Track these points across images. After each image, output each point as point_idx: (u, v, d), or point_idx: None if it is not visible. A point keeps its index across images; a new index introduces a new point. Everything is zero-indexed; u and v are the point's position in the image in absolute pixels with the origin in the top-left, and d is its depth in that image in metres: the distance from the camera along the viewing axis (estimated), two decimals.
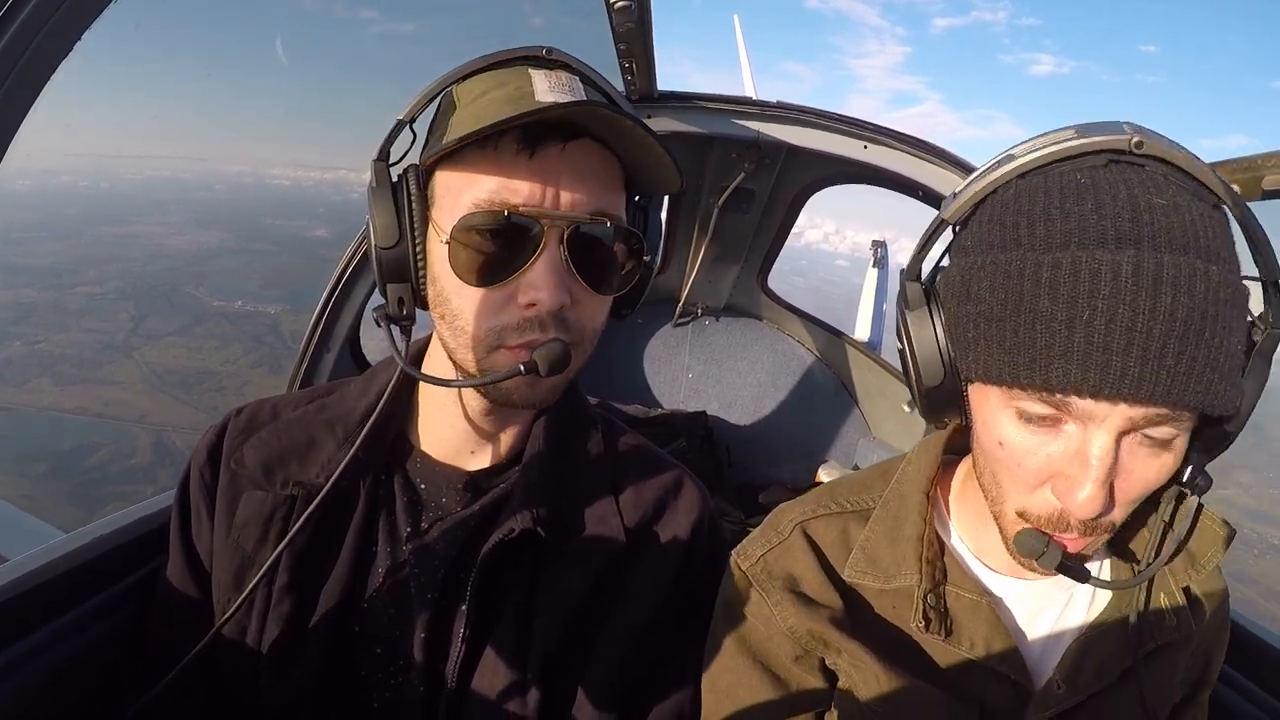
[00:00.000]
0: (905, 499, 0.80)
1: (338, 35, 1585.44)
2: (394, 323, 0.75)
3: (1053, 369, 0.56)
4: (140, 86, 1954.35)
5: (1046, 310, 0.57)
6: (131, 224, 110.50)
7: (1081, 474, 0.59)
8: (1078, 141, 0.60)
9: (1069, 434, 0.60)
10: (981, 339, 0.62)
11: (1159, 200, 0.57)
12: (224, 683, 0.76)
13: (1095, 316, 0.55)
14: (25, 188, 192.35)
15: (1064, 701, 0.72)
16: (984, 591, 0.76)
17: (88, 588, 0.84)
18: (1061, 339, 0.56)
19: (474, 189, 0.69)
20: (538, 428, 0.83)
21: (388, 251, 0.72)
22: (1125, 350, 0.54)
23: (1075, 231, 0.57)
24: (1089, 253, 0.56)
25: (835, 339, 2.48)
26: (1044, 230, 0.58)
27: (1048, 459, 0.61)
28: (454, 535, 0.79)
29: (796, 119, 1.63)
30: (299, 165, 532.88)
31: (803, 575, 0.80)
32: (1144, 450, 0.59)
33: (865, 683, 0.75)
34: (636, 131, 0.68)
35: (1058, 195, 0.59)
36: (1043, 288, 0.57)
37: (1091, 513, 0.59)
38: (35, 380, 44.95)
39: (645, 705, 0.81)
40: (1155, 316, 0.54)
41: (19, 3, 0.54)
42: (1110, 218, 0.56)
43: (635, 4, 1.15)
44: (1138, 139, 0.59)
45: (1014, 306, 0.59)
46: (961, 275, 0.65)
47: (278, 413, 0.85)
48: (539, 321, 0.70)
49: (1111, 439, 0.58)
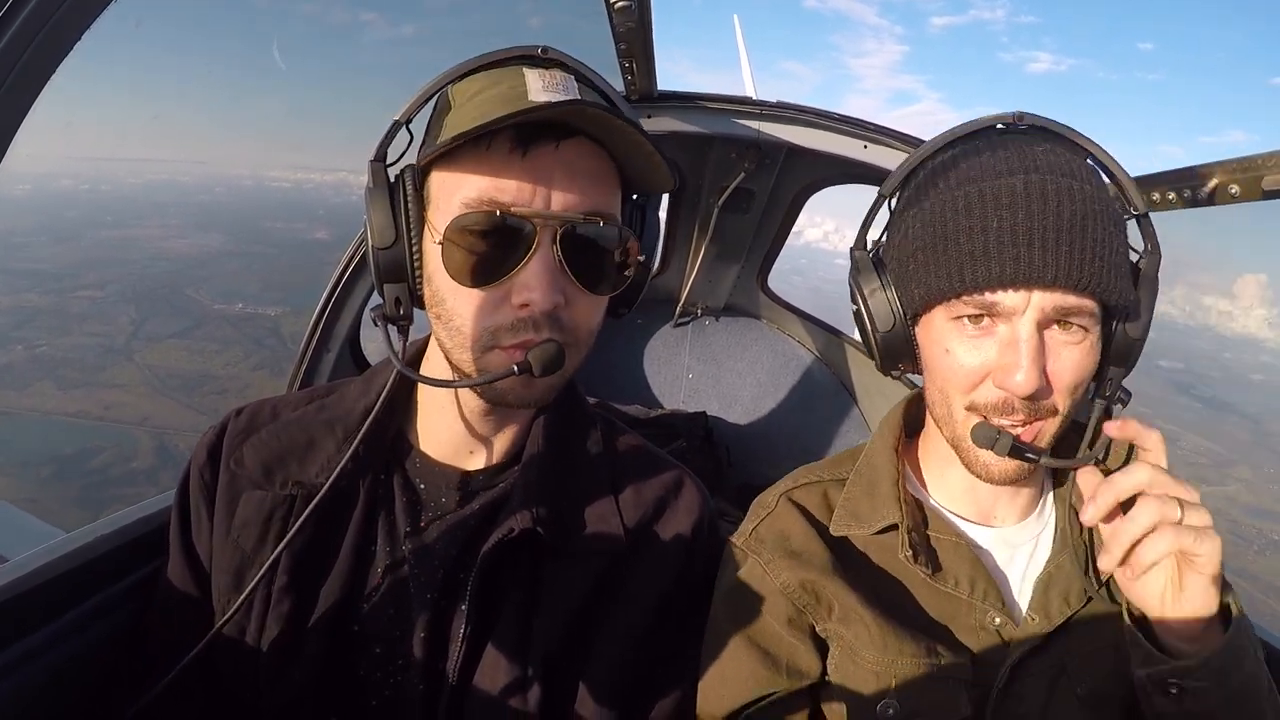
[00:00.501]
0: (876, 464, 0.90)
1: (338, 38, 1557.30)
2: (391, 323, 0.76)
3: (978, 270, 0.71)
4: (139, 88, 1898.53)
5: (964, 226, 0.72)
6: (131, 227, 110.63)
7: (1014, 357, 0.71)
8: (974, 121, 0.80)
9: (1000, 334, 0.73)
10: (919, 268, 0.77)
11: (1039, 148, 0.75)
12: (223, 682, 0.76)
13: (1001, 222, 0.70)
14: (25, 192, 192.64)
15: (1040, 629, 0.79)
16: (961, 534, 0.84)
17: (88, 588, 0.85)
18: (979, 245, 0.71)
19: (467, 189, 0.69)
20: (537, 428, 0.83)
21: (384, 252, 0.73)
22: (1029, 244, 0.69)
23: (978, 171, 0.74)
24: (990, 181, 0.73)
25: (834, 339, 2.48)
26: (954, 176, 0.76)
27: (985, 355, 0.74)
28: (453, 535, 0.79)
29: (796, 119, 1.63)
30: (299, 167, 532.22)
31: (792, 532, 0.87)
32: (1063, 339, 0.73)
33: (859, 637, 0.79)
34: (628, 131, 0.68)
35: (963, 154, 0.78)
36: (960, 212, 0.73)
37: (1029, 388, 0.71)
38: (37, 384, 45.01)
39: (645, 704, 0.82)
40: (1045, 216, 0.69)
41: (19, 2, 0.54)
42: (1003, 159, 0.74)
43: (635, 4, 1.15)
44: (1020, 114, 0.78)
45: (940, 233, 0.74)
46: (898, 229, 0.81)
47: (277, 413, 0.86)
48: (533, 322, 0.70)
49: (1033, 326, 0.71)
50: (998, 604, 0.80)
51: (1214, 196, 0.97)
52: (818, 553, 0.84)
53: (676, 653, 0.84)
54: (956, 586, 0.81)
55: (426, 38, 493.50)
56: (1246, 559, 39.31)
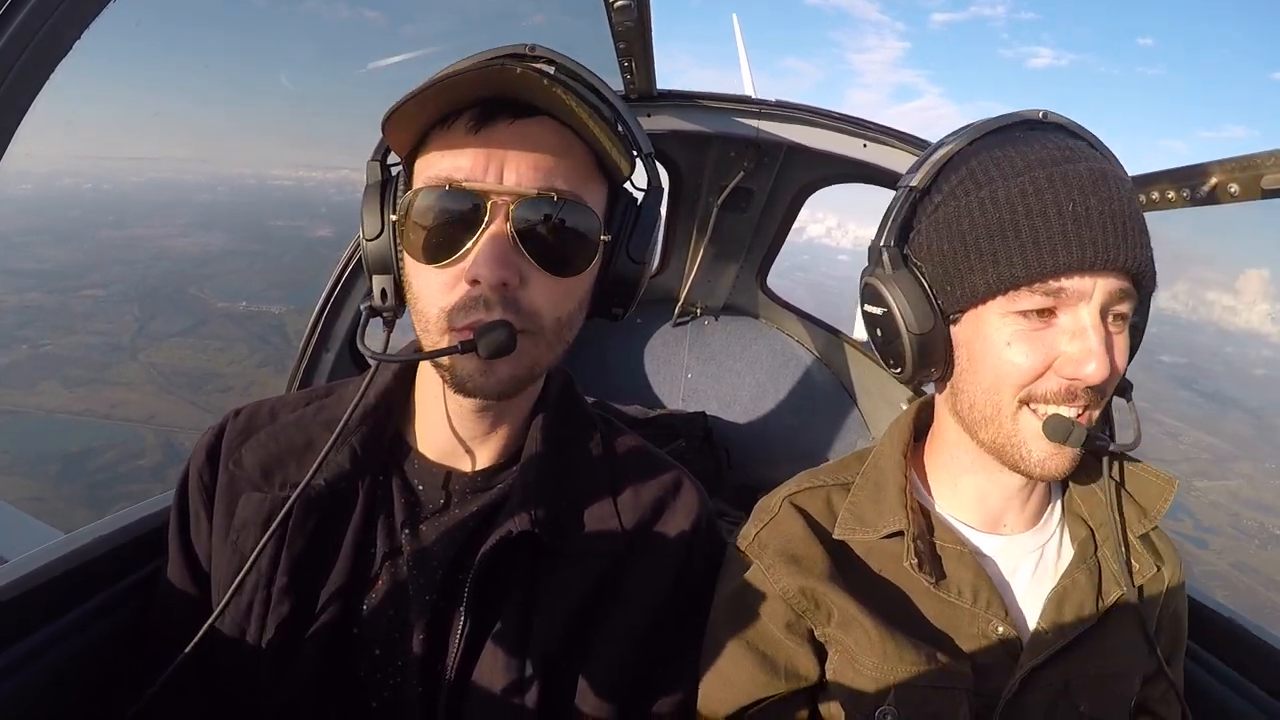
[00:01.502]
0: (883, 468, 0.88)
1: (342, 36, 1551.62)
2: (375, 314, 0.76)
3: (1057, 255, 0.70)
4: (141, 85, 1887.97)
5: (1037, 209, 0.71)
6: (134, 227, 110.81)
7: (1084, 344, 0.71)
8: (1000, 118, 0.80)
9: (1063, 323, 0.73)
10: (980, 261, 0.74)
11: (1072, 141, 0.76)
12: (223, 684, 0.76)
13: (1075, 206, 0.70)
14: (27, 191, 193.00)
15: (1054, 644, 0.78)
16: (966, 543, 0.84)
17: (88, 588, 0.85)
18: (1057, 229, 0.70)
19: (430, 170, 0.70)
20: (535, 428, 0.83)
21: (372, 243, 0.74)
22: (1103, 228, 0.70)
23: (1037, 159, 0.73)
24: (1057, 167, 0.72)
25: (834, 338, 2.48)
26: (1010, 165, 0.74)
27: (1050, 346, 0.73)
28: (452, 536, 0.79)
29: (796, 117, 1.63)
30: (300, 165, 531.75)
31: (794, 536, 0.86)
32: (1114, 329, 0.74)
33: (858, 643, 0.78)
34: (579, 107, 0.66)
35: (1009, 144, 0.76)
36: (1029, 196, 0.72)
37: (1101, 377, 0.70)
38: (43, 383, 45.17)
39: (645, 704, 0.81)
40: (1110, 201, 0.70)
41: (18, 2, 0.54)
42: (1055, 148, 0.74)
43: (634, 3, 1.15)
44: (1043, 112, 0.79)
45: (1009, 220, 0.72)
46: (946, 221, 0.77)
47: (276, 414, 0.86)
48: (483, 301, 0.69)
49: (1098, 313, 0.71)
50: (1001, 614, 0.80)
51: (1214, 195, 0.97)
52: (819, 558, 0.84)
53: (675, 653, 0.84)
54: (960, 595, 0.80)
55: (429, 37, 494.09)
56: (1247, 553, 39.26)
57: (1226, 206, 0.98)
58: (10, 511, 1.97)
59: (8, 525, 1.82)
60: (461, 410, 0.80)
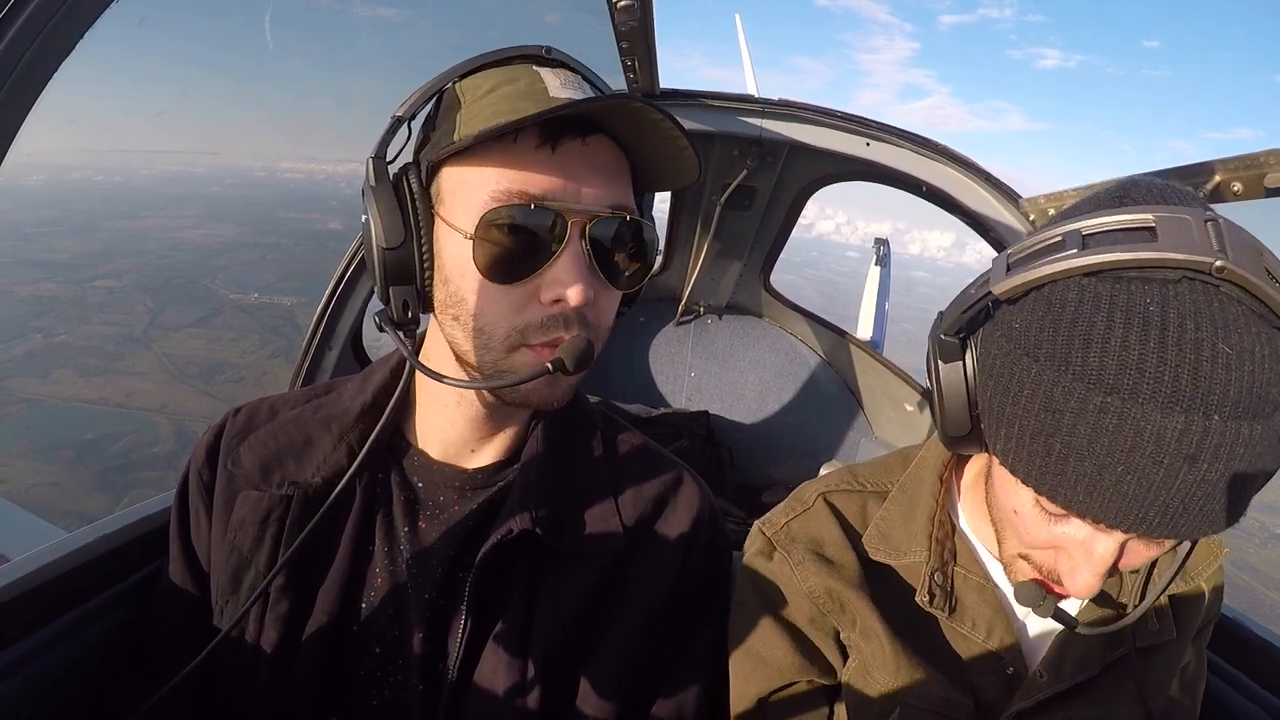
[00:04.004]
0: (920, 482, 0.84)
1: (356, 31, 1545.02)
2: (399, 328, 0.73)
3: (1076, 498, 0.57)
4: (152, 78, 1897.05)
5: (1082, 448, 0.55)
6: (145, 218, 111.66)
7: (1084, 564, 0.62)
8: (1155, 255, 0.54)
9: (1078, 525, 0.62)
10: (1013, 438, 0.61)
11: (1224, 348, 0.52)
12: (222, 683, 0.76)
13: (1129, 472, 0.54)
14: (39, 183, 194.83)
15: (1047, 689, 0.76)
16: (989, 576, 0.80)
17: (88, 587, 0.85)
18: (1090, 478, 0.56)
19: (493, 184, 0.68)
20: (536, 427, 0.83)
21: (392, 252, 0.70)
22: (1150, 504, 0.54)
23: (1131, 378, 0.53)
24: (1139, 408, 0.53)
25: (837, 338, 2.47)
26: (1098, 363, 0.54)
27: (1057, 535, 0.64)
28: (452, 535, 0.79)
29: (798, 116, 1.62)
30: (310, 159, 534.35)
31: (826, 538, 0.84)
32: (1144, 551, 0.64)
33: (874, 655, 0.78)
34: (664, 124, 0.68)
35: (1120, 323, 0.54)
36: (1083, 426, 0.55)
37: (1087, 595, 0.64)
38: (58, 372, 45.80)
39: (647, 702, 0.81)
40: (1187, 481, 0.53)
41: (21, 2, 0.54)
42: (1170, 366, 0.52)
43: (637, 3, 1.15)
44: (1220, 263, 0.52)
45: (1051, 430, 0.57)
46: (1004, 363, 0.61)
47: (275, 412, 0.86)
48: (564, 319, 0.68)
49: (1117, 545, 0.61)
50: (1013, 653, 0.78)
51: (1217, 194, 0.95)
52: (849, 564, 0.83)
53: (678, 650, 0.84)
54: (974, 629, 0.78)
55: (443, 33, 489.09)
56: (1248, 551, 38.88)
57: (1240, 211, 0.96)
58: (12, 510, 2.00)
59: (9, 524, 1.85)
60: (470, 411, 0.79)
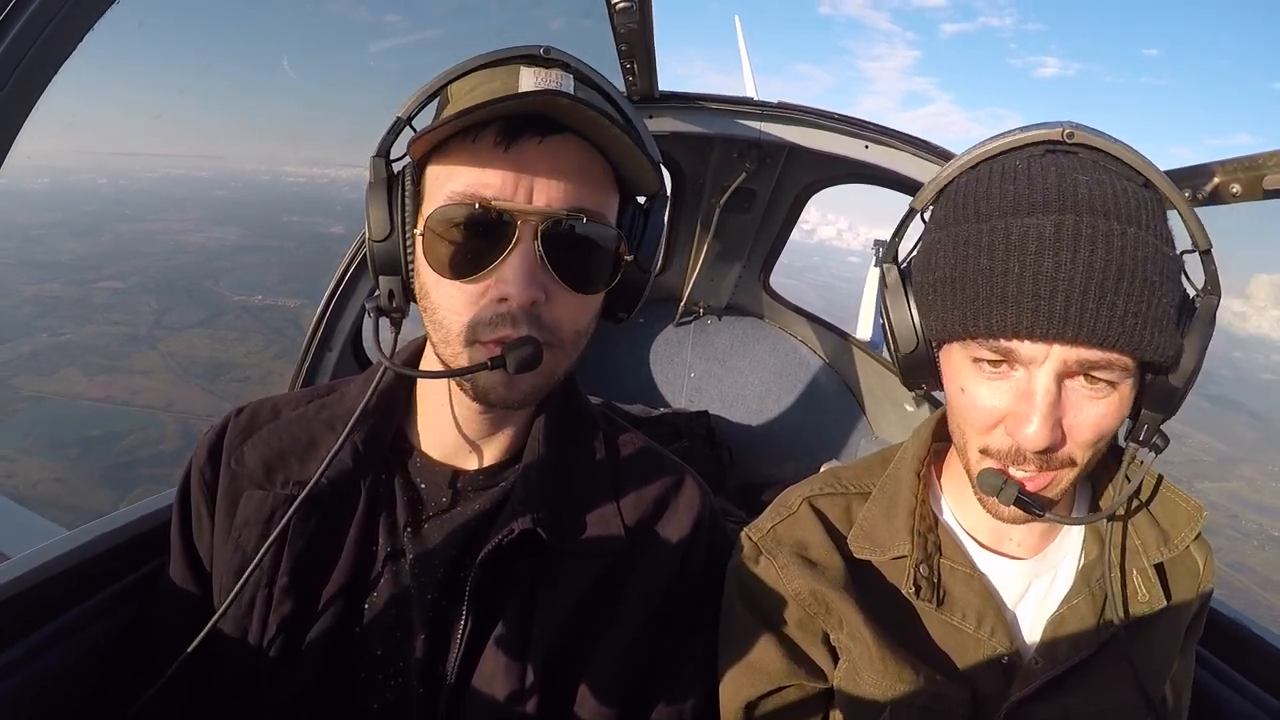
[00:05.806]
0: (900, 480, 0.86)
1: (364, 39, 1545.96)
2: (383, 315, 0.76)
3: (993, 316, 0.66)
4: (155, 82, 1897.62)
5: (985, 267, 0.66)
6: (149, 221, 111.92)
7: (1028, 409, 0.67)
8: (1019, 135, 0.71)
9: (1016, 379, 0.68)
10: (939, 301, 0.72)
11: (1083, 177, 0.66)
12: (224, 683, 0.76)
13: (1024, 269, 0.64)
14: (44, 186, 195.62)
15: (1043, 674, 0.76)
16: (975, 566, 0.81)
17: (89, 586, 0.86)
18: (998, 290, 0.65)
19: (454, 181, 0.70)
20: (537, 427, 0.83)
21: (380, 244, 0.73)
22: (1051, 296, 0.63)
23: (1010, 203, 0.67)
24: (1020, 219, 0.65)
25: (837, 338, 2.47)
26: (985, 205, 0.69)
27: (1000, 401, 0.70)
28: (454, 535, 0.79)
29: (798, 119, 1.63)
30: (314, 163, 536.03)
31: (810, 541, 0.85)
32: (1086, 393, 0.67)
33: (861, 656, 0.78)
34: (606, 126, 0.67)
35: (998, 178, 0.69)
36: (982, 250, 0.67)
37: (1039, 444, 0.67)
38: (63, 370, 45.92)
39: (647, 702, 0.81)
40: (1075, 266, 0.62)
41: (21, 3, 0.54)
42: (1039, 191, 0.66)
43: (636, 4, 1.15)
44: (1069, 130, 0.69)
45: (961, 269, 0.68)
46: (923, 251, 0.76)
47: (278, 412, 0.86)
48: (510, 317, 0.69)
49: (1051, 379, 0.66)
50: (1005, 640, 0.78)
51: (1216, 196, 0.95)
52: (835, 566, 0.83)
53: (678, 651, 0.84)
54: (964, 620, 0.78)
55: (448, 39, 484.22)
56: (1245, 553, 38.73)
57: (1239, 212, 0.96)
58: (12, 508, 2.00)
59: (9, 522, 1.85)
60: (466, 411, 0.80)
